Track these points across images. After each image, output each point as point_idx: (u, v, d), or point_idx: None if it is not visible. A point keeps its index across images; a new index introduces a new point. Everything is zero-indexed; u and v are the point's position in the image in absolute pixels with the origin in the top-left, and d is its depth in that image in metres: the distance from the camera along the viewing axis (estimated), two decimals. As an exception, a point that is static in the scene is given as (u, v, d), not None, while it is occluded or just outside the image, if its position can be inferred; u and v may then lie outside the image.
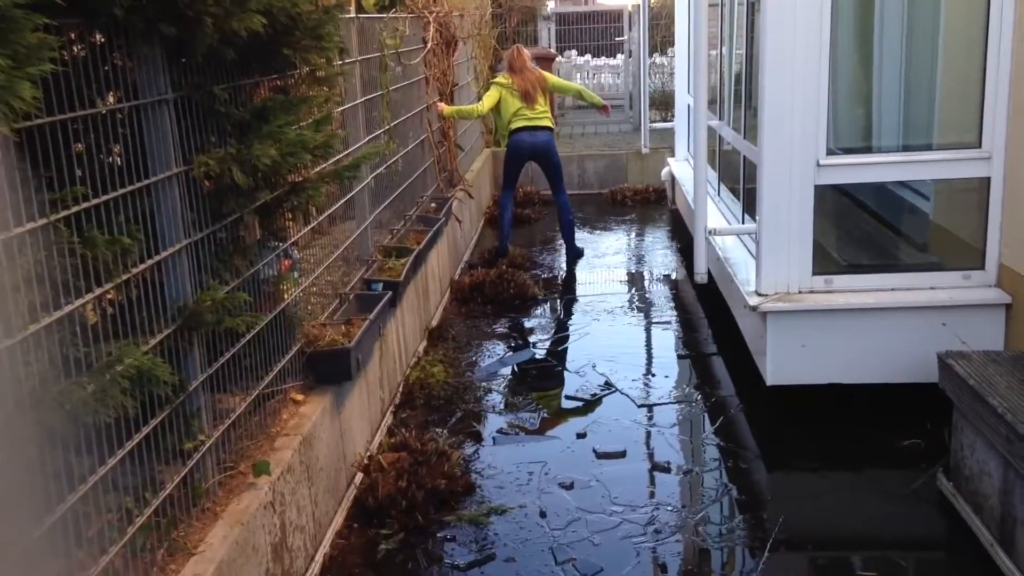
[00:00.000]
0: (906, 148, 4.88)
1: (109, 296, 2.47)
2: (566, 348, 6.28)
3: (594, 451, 4.67)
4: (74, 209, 2.23)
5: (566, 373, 5.84)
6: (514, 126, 7.96)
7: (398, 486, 4.05)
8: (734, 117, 6.29)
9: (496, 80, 8.08)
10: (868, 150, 5.01)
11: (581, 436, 4.86)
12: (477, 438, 4.90)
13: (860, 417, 4.81)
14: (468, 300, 7.20)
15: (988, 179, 4.59)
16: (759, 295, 4.81)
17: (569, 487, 4.31)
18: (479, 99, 10.30)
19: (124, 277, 2.46)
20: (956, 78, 4.75)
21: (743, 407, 5.13)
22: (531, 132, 7.94)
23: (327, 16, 3.51)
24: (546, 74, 8.15)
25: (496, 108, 8.04)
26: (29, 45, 1.74)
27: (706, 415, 5.10)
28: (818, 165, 4.64)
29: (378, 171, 5.52)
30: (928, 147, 4.84)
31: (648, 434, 4.89)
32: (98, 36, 2.50)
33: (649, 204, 10.86)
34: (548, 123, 8.06)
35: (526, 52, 8.14)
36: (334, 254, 4.64)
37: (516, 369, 5.90)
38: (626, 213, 10.59)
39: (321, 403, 3.82)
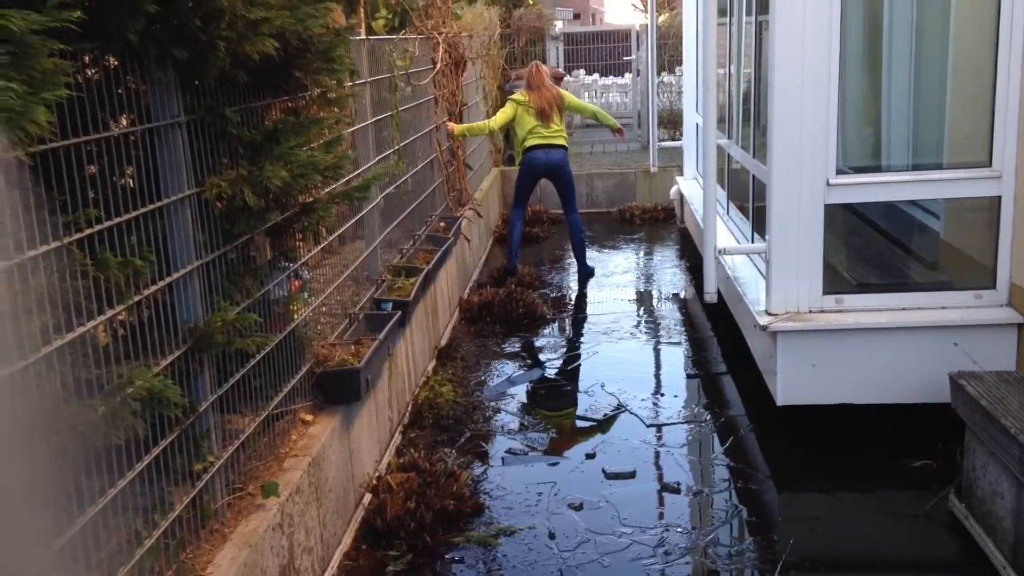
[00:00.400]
0: (916, 167, 4.88)
1: (120, 317, 2.48)
2: (575, 367, 6.27)
3: (603, 471, 4.65)
4: (87, 232, 2.24)
5: (575, 393, 5.82)
6: (529, 143, 7.97)
7: (406, 507, 4.04)
8: (743, 136, 6.30)
9: (513, 96, 8.08)
10: (878, 169, 5.01)
11: (590, 456, 4.85)
12: (486, 458, 4.88)
13: (871, 437, 4.78)
14: (477, 319, 7.20)
15: (999, 198, 4.58)
16: (769, 314, 4.80)
17: (578, 508, 4.30)
18: (488, 118, 10.36)
19: (136, 299, 2.47)
20: (966, 96, 4.75)
21: (753, 427, 5.10)
22: (546, 150, 7.96)
23: (338, 39, 3.54)
24: (564, 93, 8.15)
25: (511, 125, 8.06)
26: (44, 70, 1.76)
27: (716, 435, 5.08)
28: (828, 184, 4.64)
29: (388, 191, 5.54)
30: (938, 166, 4.84)
31: (657, 454, 4.87)
32: (112, 59, 2.53)
33: (658, 223, 10.86)
34: (563, 141, 8.08)
35: (545, 69, 8.16)
36: (344, 274, 4.65)
37: (526, 389, 5.89)
38: (635, 232, 10.59)
39: (330, 423, 3.82)
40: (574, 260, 8.60)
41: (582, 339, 6.87)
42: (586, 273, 8.47)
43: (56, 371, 2.08)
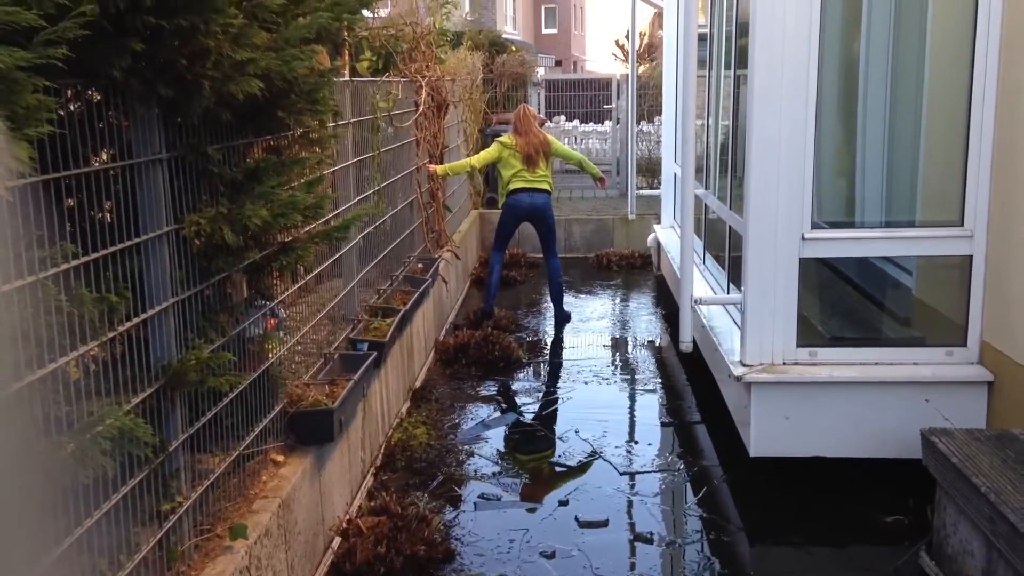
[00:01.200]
0: (889, 224, 4.95)
1: (93, 353, 2.45)
2: (550, 412, 6.25)
3: (576, 519, 4.62)
4: (63, 267, 2.22)
5: (550, 438, 5.80)
6: (513, 186, 8.02)
7: (376, 552, 3.99)
8: (720, 186, 6.38)
9: (500, 139, 8.13)
10: (852, 225, 5.08)
11: (563, 503, 4.82)
12: (458, 503, 4.84)
13: (844, 491, 4.79)
14: (453, 361, 7.18)
15: (970, 257, 4.65)
16: (744, 365, 4.82)
17: (551, 556, 4.26)
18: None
19: (110, 335, 2.45)
20: (939, 155, 4.84)
21: (726, 477, 5.10)
22: (530, 193, 8.01)
23: (322, 80, 3.56)
24: (551, 139, 8.20)
25: (497, 167, 8.11)
26: (28, 106, 1.76)
27: (689, 485, 5.07)
28: (803, 238, 4.70)
29: (367, 231, 5.55)
30: (911, 224, 4.91)
31: (631, 503, 4.84)
32: (95, 94, 2.53)
33: (635, 269, 10.92)
34: (547, 186, 8.12)
35: (533, 113, 8.22)
36: (320, 313, 4.63)
37: (500, 433, 5.86)
38: (612, 278, 10.64)
39: (302, 464, 3.78)
40: (551, 304, 8.62)
41: (557, 384, 6.86)
42: (563, 318, 8.49)
43: (26, 407, 2.05)
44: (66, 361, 2.23)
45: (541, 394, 6.65)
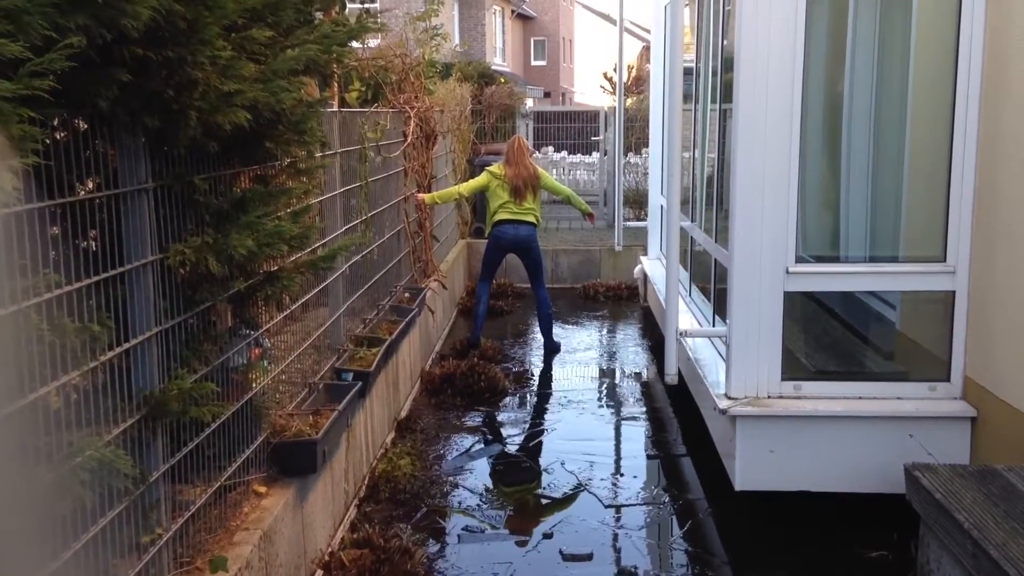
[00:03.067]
0: (872, 259, 4.99)
1: (74, 382, 2.44)
2: (535, 444, 6.23)
3: (561, 553, 4.60)
4: (46, 296, 2.21)
5: (535, 470, 5.77)
6: (498, 217, 8.05)
7: (358, 585, 3.95)
8: (705, 219, 6.41)
9: (489, 168, 8.16)
10: (836, 259, 5.11)
11: (548, 536, 4.79)
12: (442, 535, 4.80)
13: (828, 525, 4.78)
14: (438, 391, 7.16)
15: (953, 293, 4.69)
16: (729, 398, 4.82)
17: (534, 590, 4.23)
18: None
19: (92, 365, 2.43)
20: (921, 191, 4.89)
21: (712, 511, 5.09)
22: (515, 225, 8.03)
23: (310, 111, 3.57)
24: (541, 172, 8.22)
25: (485, 195, 8.13)
26: (13, 137, 1.76)
27: (675, 518, 5.05)
28: (787, 272, 4.73)
29: (353, 260, 5.54)
30: (894, 259, 4.95)
31: (615, 536, 4.82)
32: (81, 123, 2.53)
33: (621, 301, 10.95)
34: (533, 219, 8.15)
35: (525, 145, 8.27)
36: (305, 342, 4.62)
37: (485, 464, 5.83)
38: (598, 309, 10.66)
39: (284, 496, 3.74)
40: (538, 335, 8.62)
41: (543, 415, 6.85)
42: (552, 349, 8.49)
43: (5, 438, 2.03)
44: (47, 391, 2.21)
45: (527, 425, 6.63)
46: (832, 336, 5.39)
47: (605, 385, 7.77)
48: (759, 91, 4.61)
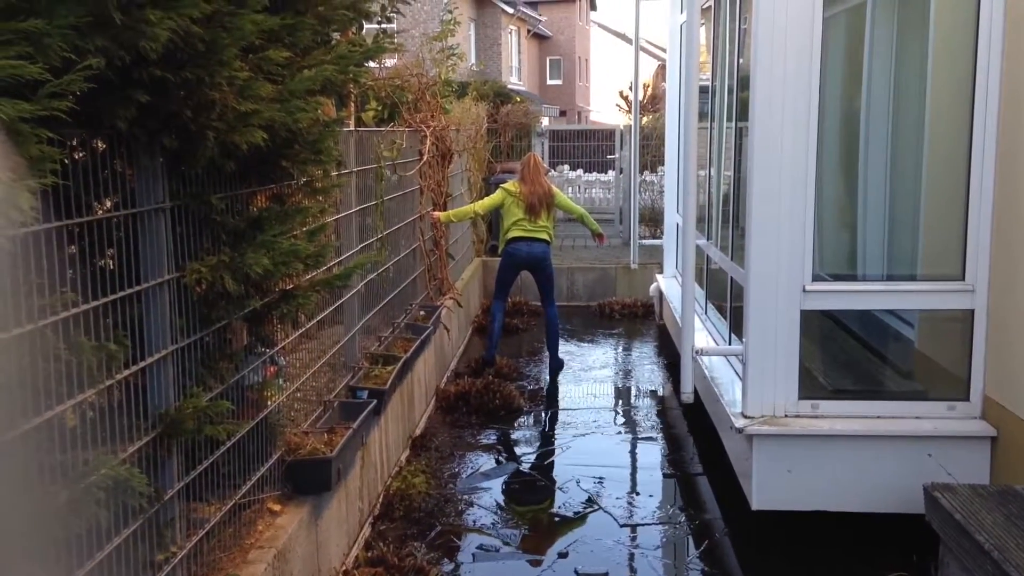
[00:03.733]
0: (891, 277, 4.96)
1: (90, 400, 2.45)
2: (550, 462, 6.21)
3: (576, 572, 4.57)
4: (63, 315, 2.23)
5: (550, 488, 5.75)
6: (512, 235, 8.03)
7: (373, 604, 3.94)
8: (721, 237, 6.40)
9: (504, 186, 8.14)
10: (854, 277, 5.09)
11: (563, 556, 4.76)
12: (456, 554, 4.78)
13: (846, 546, 4.73)
14: (453, 409, 7.15)
15: (972, 311, 4.64)
16: (745, 417, 4.79)
17: (548, 610, 4.20)
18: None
19: (108, 383, 2.44)
20: (940, 209, 4.86)
21: (728, 530, 5.05)
22: (528, 243, 8.02)
23: (327, 131, 3.60)
24: (555, 190, 8.22)
25: (499, 213, 8.13)
26: (32, 157, 1.78)
27: (690, 538, 5.02)
28: (804, 290, 4.70)
29: (369, 278, 5.56)
30: (912, 277, 4.92)
31: (631, 556, 4.79)
32: (99, 143, 2.56)
33: (637, 318, 10.92)
34: (547, 236, 8.15)
35: (541, 164, 8.26)
36: (320, 360, 4.63)
37: (500, 483, 5.81)
38: (614, 327, 10.64)
39: (299, 514, 3.74)
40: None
41: (558, 433, 6.82)
42: (556, 366, 8.48)
43: (21, 456, 2.04)
44: (63, 409, 2.23)
45: (542, 443, 6.61)
46: (849, 355, 5.35)
47: (621, 403, 7.74)
48: (775, 109, 4.60)
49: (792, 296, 4.71)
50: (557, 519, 5.28)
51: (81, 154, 2.50)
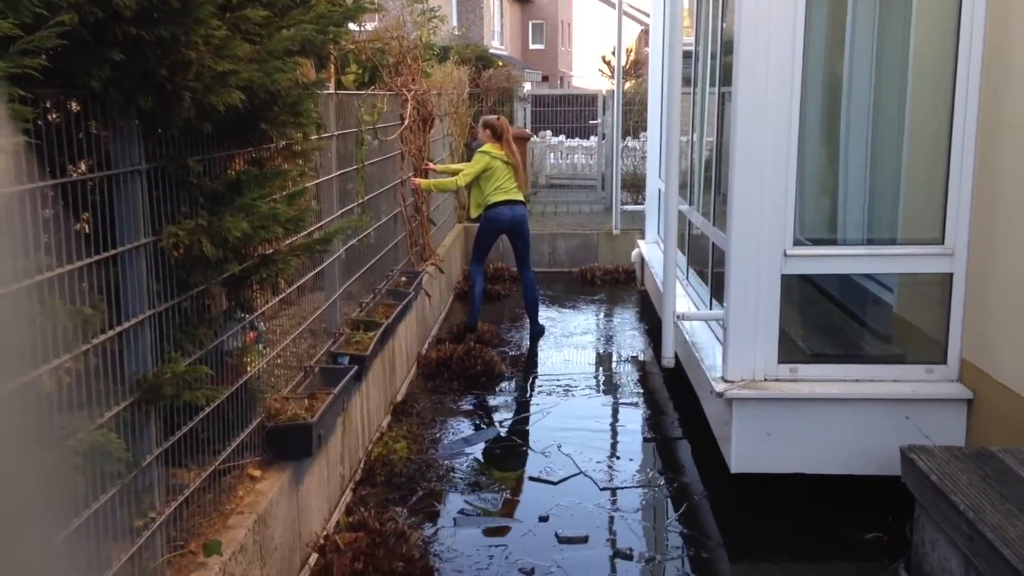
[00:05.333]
0: (871, 241, 4.98)
1: (67, 366, 2.42)
2: (532, 427, 6.23)
3: (556, 535, 4.60)
4: (37, 278, 2.19)
5: (531, 453, 5.77)
6: (495, 199, 7.92)
7: (354, 568, 3.95)
8: (703, 202, 6.40)
9: (484, 149, 7.98)
10: (834, 242, 5.10)
11: (544, 519, 4.79)
12: (438, 518, 4.81)
13: (824, 508, 4.78)
14: (435, 375, 7.15)
15: (951, 275, 4.68)
16: (725, 381, 4.82)
17: (530, 573, 4.23)
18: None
19: (84, 348, 2.42)
20: (920, 174, 4.87)
21: (707, 493, 5.09)
22: (511, 206, 7.96)
23: (306, 93, 3.54)
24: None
25: (477, 177, 7.95)
26: (3, 116, 1.74)
27: (670, 501, 5.06)
28: (785, 255, 4.71)
29: (350, 243, 5.52)
30: (893, 241, 4.94)
31: (611, 519, 4.82)
32: (74, 104, 2.51)
33: (618, 284, 10.93)
34: (524, 198, 8.13)
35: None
36: (301, 326, 4.60)
37: (481, 447, 5.83)
38: (596, 293, 10.65)
39: (279, 480, 3.74)
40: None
41: (539, 399, 6.84)
42: (537, 331, 8.48)
43: (-5, 421, 2.02)
44: (38, 374, 2.20)
45: (523, 409, 6.63)
46: (829, 319, 5.38)
47: (602, 369, 7.76)
48: (759, 74, 4.58)
49: (773, 261, 4.72)
50: (538, 483, 5.30)
51: (55, 115, 2.45)
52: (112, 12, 2.20)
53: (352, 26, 5.86)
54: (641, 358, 7.97)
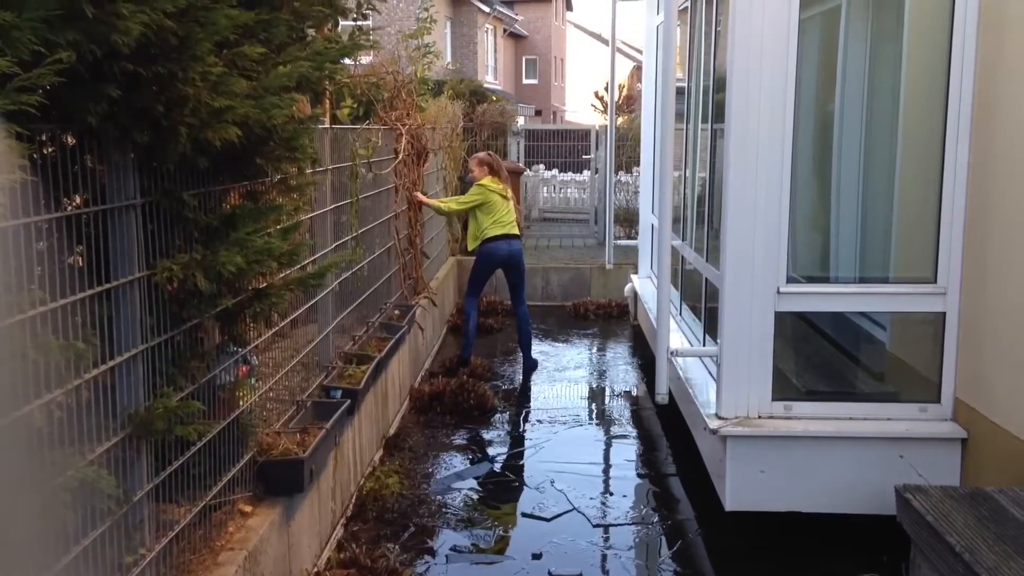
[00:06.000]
0: (863, 280, 4.99)
1: (58, 400, 2.40)
2: (524, 463, 6.19)
3: (549, 573, 4.56)
4: (30, 313, 2.18)
5: (524, 489, 5.74)
6: (492, 232, 7.94)
7: (345, 605, 3.90)
8: (696, 238, 6.41)
9: (483, 182, 8.00)
10: (827, 279, 5.12)
11: (536, 557, 4.75)
12: (430, 555, 4.76)
13: (818, 547, 4.75)
14: (427, 409, 7.12)
15: (943, 314, 4.68)
16: (719, 418, 4.80)
17: (522, 611, 4.19)
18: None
19: (76, 383, 2.40)
20: (912, 213, 4.90)
21: (701, 531, 5.06)
22: (507, 240, 8.00)
23: (302, 128, 3.56)
24: None
25: (475, 210, 7.99)
26: (-1, 152, 1.74)
27: (664, 538, 5.02)
28: (778, 292, 4.72)
29: (343, 277, 5.52)
30: (885, 280, 4.95)
31: (604, 557, 4.78)
32: (69, 138, 2.51)
33: (611, 319, 10.93)
34: (519, 232, 8.19)
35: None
36: (294, 359, 4.58)
37: (474, 483, 5.79)
38: (588, 327, 10.64)
39: (270, 515, 3.70)
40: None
41: (533, 434, 6.81)
42: (530, 366, 8.47)
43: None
44: (29, 410, 2.18)
45: (516, 444, 6.59)
46: (823, 356, 5.38)
47: (595, 404, 7.74)
48: (751, 111, 4.61)
49: (766, 298, 4.73)
50: (531, 519, 5.26)
51: (50, 149, 2.45)
52: (110, 49, 2.21)
53: (347, 61, 5.90)
54: (634, 393, 7.95)
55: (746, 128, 4.63)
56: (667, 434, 6.67)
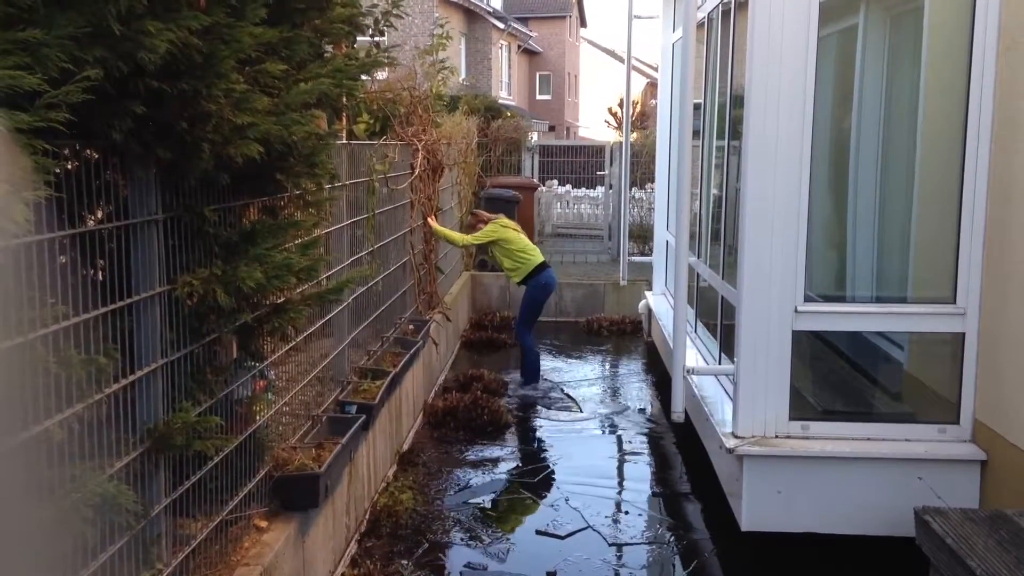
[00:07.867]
0: (881, 299, 4.96)
1: (78, 415, 2.41)
2: (539, 480, 6.17)
3: (563, 592, 4.53)
4: (52, 328, 2.19)
5: (538, 506, 5.71)
6: (535, 261, 8.26)
7: (359, 622, 3.89)
8: (711, 255, 6.40)
9: (496, 221, 8.31)
10: (844, 299, 5.09)
11: (551, 575, 4.72)
12: (443, 572, 4.74)
13: (834, 568, 4.71)
14: (441, 424, 7.11)
15: (963, 335, 4.65)
16: (736, 437, 4.78)
17: (536, 630, 4.16)
18: (461, 223, 10.52)
19: (96, 397, 2.40)
20: (931, 233, 4.87)
21: (716, 551, 5.02)
22: (546, 269, 8.36)
23: (321, 144, 3.57)
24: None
25: (502, 244, 8.21)
26: (26, 168, 1.75)
27: (679, 558, 4.99)
28: (796, 311, 4.70)
29: (359, 292, 5.53)
30: (903, 300, 4.92)
31: (618, 575, 4.76)
32: (93, 153, 2.52)
33: (625, 335, 10.90)
34: None
35: None
36: (310, 374, 4.59)
37: (487, 499, 5.77)
38: (602, 343, 10.62)
39: (285, 531, 3.70)
40: (541, 366, 8.63)
41: (547, 450, 6.79)
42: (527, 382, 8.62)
43: (6, 471, 2.00)
44: (51, 424, 2.18)
45: (530, 460, 6.57)
46: (840, 376, 5.35)
47: (609, 421, 7.71)
48: (769, 129, 4.60)
49: (784, 317, 4.71)
50: (545, 537, 5.24)
51: (74, 164, 2.47)
52: (136, 66, 2.23)
53: (364, 77, 5.92)
54: (648, 410, 7.92)
55: (764, 146, 4.63)
56: (682, 452, 6.64)
